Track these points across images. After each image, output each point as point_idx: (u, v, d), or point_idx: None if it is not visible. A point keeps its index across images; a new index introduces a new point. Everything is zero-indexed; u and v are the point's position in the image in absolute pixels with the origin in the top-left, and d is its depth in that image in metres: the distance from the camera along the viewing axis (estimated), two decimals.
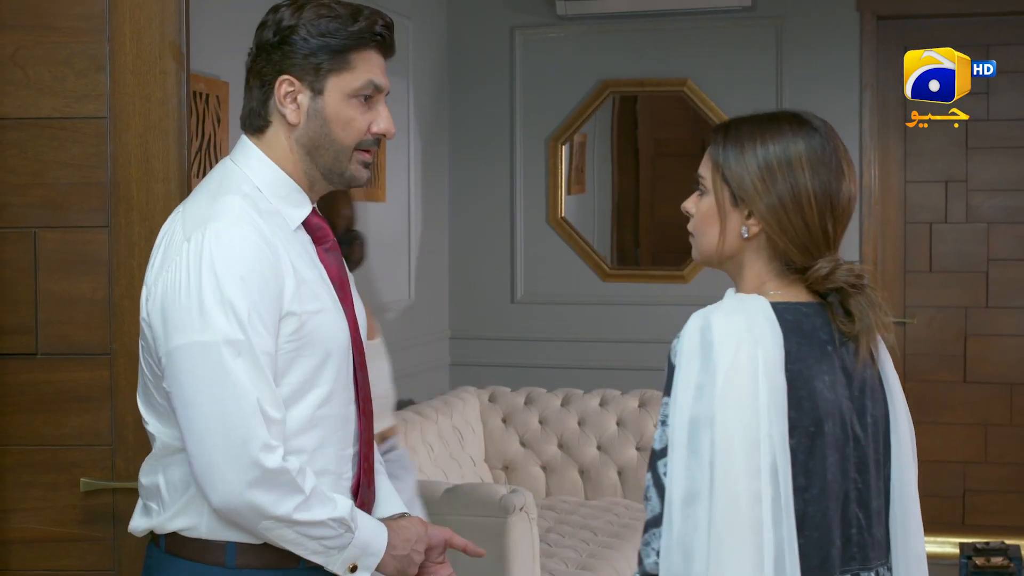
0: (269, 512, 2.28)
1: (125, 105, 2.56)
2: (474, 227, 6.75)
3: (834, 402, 2.13)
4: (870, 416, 2.19)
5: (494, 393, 6.07)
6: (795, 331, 2.12)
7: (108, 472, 2.59)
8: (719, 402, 2.04)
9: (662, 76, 6.52)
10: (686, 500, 2.04)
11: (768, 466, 2.03)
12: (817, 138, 2.18)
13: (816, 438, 2.10)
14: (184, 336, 2.26)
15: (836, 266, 2.15)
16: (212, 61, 4.51)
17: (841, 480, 2.13)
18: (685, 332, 2.12)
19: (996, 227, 6.40)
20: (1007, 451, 6.40)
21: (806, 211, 2.15)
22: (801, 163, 2.15)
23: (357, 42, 2.45)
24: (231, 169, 2.46)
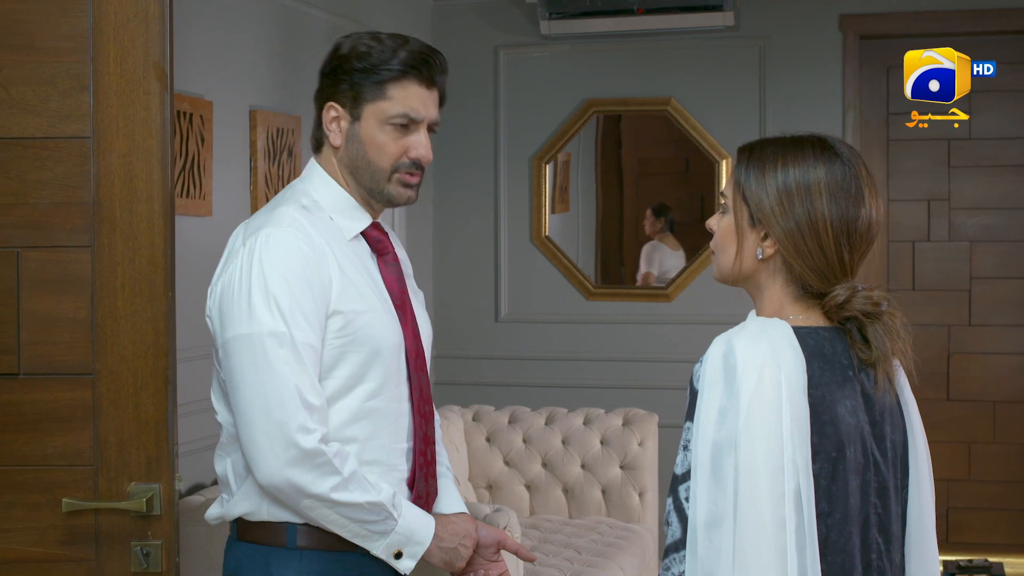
0: (308, 490, 2.49)
1: (108, 125, 2.57)
2: (458, 246, 6.75)
3: (855, 427, 2.13)
4: (889, 441, 2.20)
5: (478, 412, 6.06)
6: (817, 356, 2.13)
7: (91, 492, 2.57)
8: (743, 427, 2.04)
9: (646, 95, 6.54)
10: (709, 525, 2.04)
11: (792, 492, 2.03)
12: (839, 164, 2.19)
13: (838, 463, 2.10)
14: (234, 329, 2.54)
15: (853, 293, 2.16)
16: (196, 81, 4.51)
17: (861, 505, 2.14)
18: (708, 357, 2.12)
19: (978, 245, 6.42)
20: (991, 468, 6.42)
21: (822, 237, 2.16)
22: (820, 189, 2.16)
23: (395, 74, 2.66)
24: (296, 185, 2.76)
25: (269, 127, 4.95)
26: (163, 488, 2.56)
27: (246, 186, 4.84)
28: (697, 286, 6.44)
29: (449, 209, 6.74)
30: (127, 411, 2.56)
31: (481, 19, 6.68)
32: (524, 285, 6.69)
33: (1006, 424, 6.41)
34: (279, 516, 2.58)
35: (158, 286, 2.61)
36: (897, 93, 6.43)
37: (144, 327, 2.58)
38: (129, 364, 2.57)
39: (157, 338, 2.60)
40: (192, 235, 4.50)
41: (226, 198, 4.70)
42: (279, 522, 2.58)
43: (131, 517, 2.56)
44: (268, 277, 2.53)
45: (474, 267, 6.73)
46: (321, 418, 2.53)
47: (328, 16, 5.55)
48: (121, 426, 2.56)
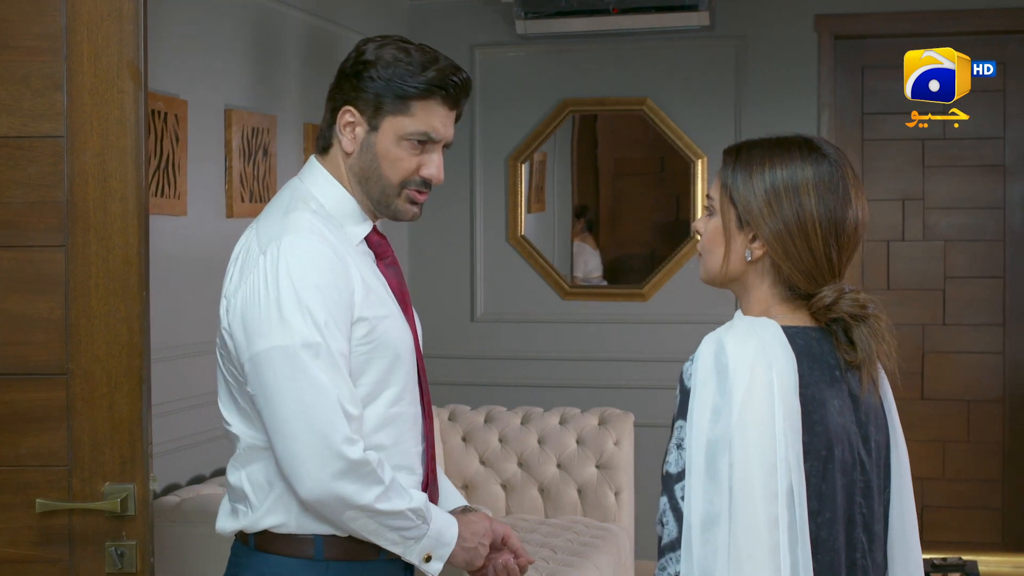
0: (353, 501, 2.45)
1: (82, 124, 2.55)
2: (434, 245, 6.75)
3: (843, 427, 2.15)
4: (873, 442, 2.22)
5: (454, 411, 6.06)
6: (806, 355, 2.14)
7: (64, 493, 2.56)
8: (737, 425, 2.04)
9: (621, 95, 6.54)
10: (705, 524, 2.05)
11: (785, 490, 2.04)
12: (826, 164, 2.19)
13: (828, 463, 2.11)
14: (266, 341, 2.46)
15: (840, 295, 2.17)
16: (171, 80, 4.50)
17: (847, 504, 2.15)
18: (699, 355, 2.12)
19: (953, 245, 6.44)
20: (965, 467, 6.45)
21: (811, 237, 2.16)
22: (808, 189, 2.17)
23: (421, 91, 2.62)
24: (298, 186, 2.66)
25: (244, 127, 4.94)
26: (137, 488, 2.55)
27: (221, 186, 4.83)
28: (672, 286, 6.44)
29: (425, 209, 6.66)
30: (101, 411, 2.54)
31: (457, 19, 6.67)
32: (500, 285, 6.69)
33: (980, 423, 6.44)
34: (308, 529, 2.54)
35: (132, 286, 2.59)
36: (872, 93, 6.46)
37: (118, 327, 2.56)
38: (103, 364, 2.55)
39: (131, 338, 2.58)
40: (167, 235, 4.49)
41: (201, 198, 4.69)
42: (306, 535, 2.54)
43: (105, 517, 2.54)
44: (298, 286, 2.46)
45: (450, 267, 6.73)
46: (358, 427, 2.49)
47: (304, 16, 5.54)
48: (95, 426, 2.54)
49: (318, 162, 2.69)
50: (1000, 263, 6.39)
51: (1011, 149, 6.35)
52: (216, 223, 4.81)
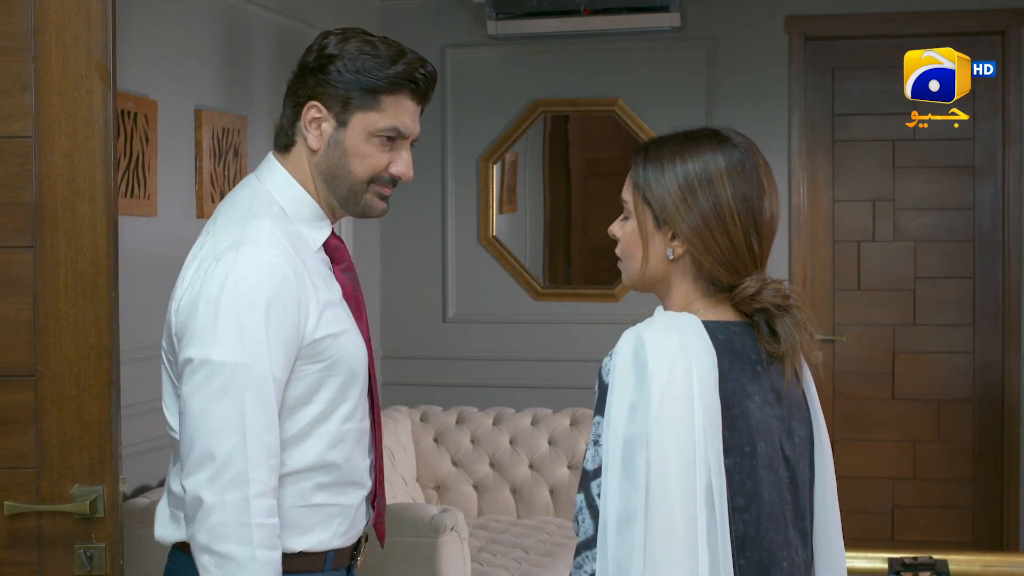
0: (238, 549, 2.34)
1: (51, 125, 2.53)
2: (405, 246, 6.74)
3: (765, 423, 2.12)
4: (797, 436, 2.19)
5: (426, 412, 6.05)
6: (727, 350, 2.11)
7: (33, 495, 2.54)
8: (654, 423, 2.01)
9: (593, 96, 6.55)
10: (621, 522, 2.02)
11: (703, 488, 2.01)
12: (736, 153, 2.16)
13: (751, 458, 2.08)
14: (199, 350, 2.36)
15: (763, 285, 2.13)
16: (140, 80, 4.48)
17: (777, 501, 2.12)
18: (617, 351, 2.09)
19: (923, 245, 6.47)
20: (935, 467, 6.47)
21: (730, 228, 2.13)
22: (722, 179, 2.14)
23: (391, 86, 2.54)
24: (257, 187, 2.56)
25: (215, 127, 4.92)
26: (107, 490, 2.54)
27: (191, 186, 4.81)
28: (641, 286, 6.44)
29: (396, 209, 6.69)
30: (70, 413, 2.53)
31: (428, 19, 6.66)
32: (472, 285, 6.68)
33: (950, 423, 6.46)
34: None
35: (101, 287, 2.57)
36: (842, 94, 6.48)
37: (87, 328, 2.55)
38: (71, 366, 2.54)
39: (100, 339, 2.56)
40: (137, 235, 4.47)
41: (171, 198, 4.67)
42: None
43: (74, 520, 2.53)
44: (241, 301, 2.35)
45: (422, 267, 6.72)
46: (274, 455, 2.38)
47: (274, 16, 5.52)
48: (64, 428, 2.53)
49: (277, 161, 2.60)
50: (970, 264, 6.42)
51: (980, 150, 6.38)
52: (186, 224, 4.79)
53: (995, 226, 6.37)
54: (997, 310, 6.36)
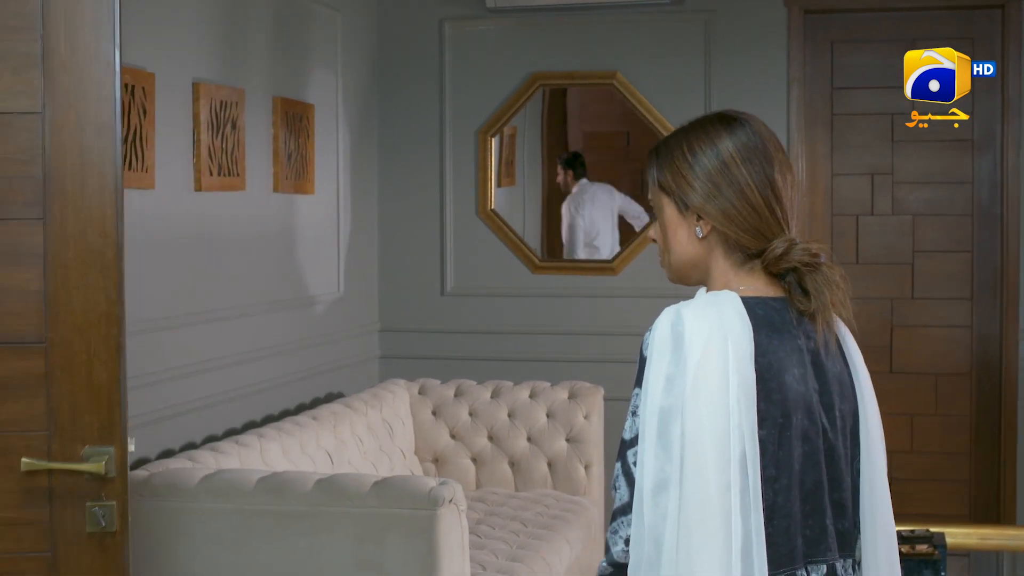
0: None
1: (60, 101, 2.62)
2: (403, 220, 6.73)
3: (803, 395, 2.16)
4: (838, 411, 2.23)
5: (424, 386, 6.06)
6: (766, 325, 2.17)
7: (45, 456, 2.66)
8: (689, 394, 2.07)
9: (591, 69, 6.53)
10: (656, 489, 2.08)
11: (738, 457, 2.06)
12: (741, 130, 2.24)
13: (785, 430, 2.13)
14: None
15: (791, 246, 2.19)
16: (138, 52, 4.47)
17: (811, 472, 2.17)
18: (657, 325, 2.15)
19: (921, 219, 6.46)
20: (932, 441, 6.48)
21: (750, 197, 2.20)
22: (735, 161, 2.21)
23: None
24: None
25: (212, 100, 4.91)
26: (116, 451, 2.65)
27: (189, 159, 4.81)
28: (642, 260, 6.45)
29: (394, 183, 6.71)
30: (80, 378, 2.64)
31: None
32: (470, 259, 6.68)
33: (948, 396, 6.47)
34: None
35: (109, 258, 2.65)
36: (841, 68, 6.46)
37: (96, 297, 2.64)
38: (81, 333, 2.64)
39: (109, 307, 2.65)
40: (135, 208, 4.46)
41: (169, 171, 4.66)
42: None
43: (85, 479, 2.65)
44: None
45: (420, 241, 6.71)
46: None
47: None
48: (74, 392, 2.64)
49: None
50: (968, 237, 6.41)
51: (979, 124, 6.37)
52: (184, 197, 4.79)
53: (994, 200, 6.36)
54: (995, 284, 6.37)
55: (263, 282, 5.42)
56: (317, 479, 4.04)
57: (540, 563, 4.81)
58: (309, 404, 5.80)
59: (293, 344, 5.68)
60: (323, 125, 5.98)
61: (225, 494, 4.01)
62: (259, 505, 3.99)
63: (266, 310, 5.43)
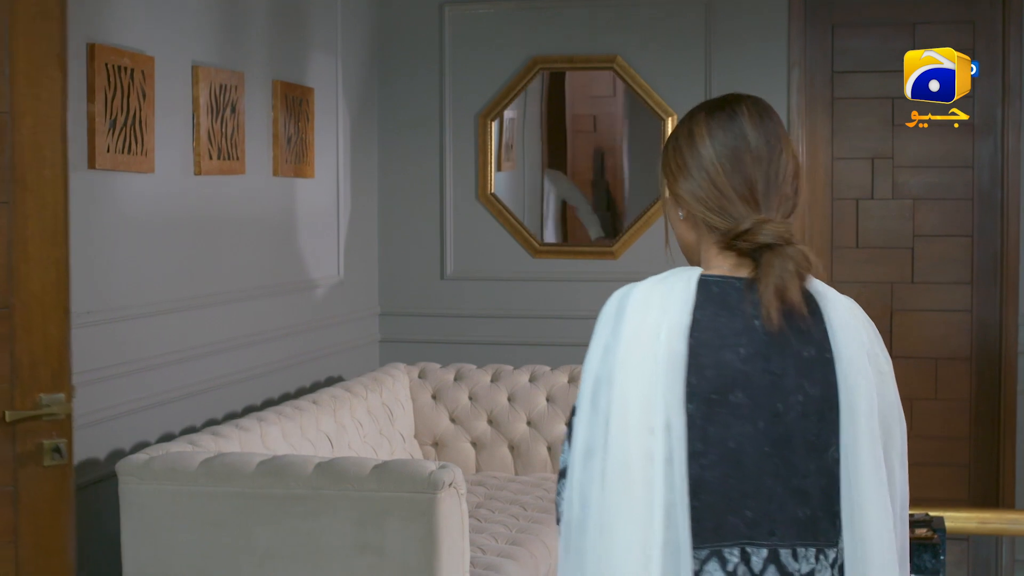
0: None
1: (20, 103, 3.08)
2: (403, 204, 6.73)
3: (746, 374, 2.14)
4: (802, 395, 2.17)
5: (424, 369, 6.06)
6: (717, 302, 2.16)
7: (9, 403, 3.12)
8: (620, 363, 2.12)
9: (591, 53, 6.52)
10: (586, 454, 2.13)
11: (662, 427, 2.09)
12: (721, 111, 2.24)
13: (717, 406, 2.13)
14: None
15: (758, 224, 2.17)
16: (137, 36, 4.46)
17: (752, 453, 2.14)
18: (608, 300, 2.21)
19: (921, 203, 6.46)
20: (932, 425, 6.48)
21: (717, 181, 2.20)
22: (704, 141, 2.22)
23: None
24: None
25: (212, 83, 4.90)
26: (65, 397, 3.15)
27: (189, 143, 4.80)
28: (642, 244, 6.45)
29: (395, 167, 6.71)
30: (37, 337, 3.12)
31: None
32: (470, 243, 6.68)
33: (947, 381, 6.47)
34: None
35: (60, 235, 3.14)
36: (842, 51, 6.45)
37: (50, 268, 3.13)
38: (38, 299, 3.12)
39: (59, 277, 3.15)
40: (134, 192, 4.46)
41: (168, 155, 4.66)
42: None
43: (43, 421, 3.13)
44: None
45: (420, 225, 6.71)
46: None
47: None
48: (32, 350, 3.11)
49: None
50: (969, 222, 6.41)
51: (980, 108, 6.36)
52: (184, 181, 4.78)
53: (994, 184, 6.36)
54: (995, 268, 6.36)
55: (263, 266, 5.42)
56: (317, 463, 4.04)
57: (540, 547, 4.81)
58: (309, 388, 5.81)
59: (293, 328, 5.69)
60: (323, 109, 5.97)
61: (225, 478, 4.02)
62: (259, 488, 3.99)
63: (266, 294, 5.43)
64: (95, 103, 4.20)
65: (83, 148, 4.18)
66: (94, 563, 4.28)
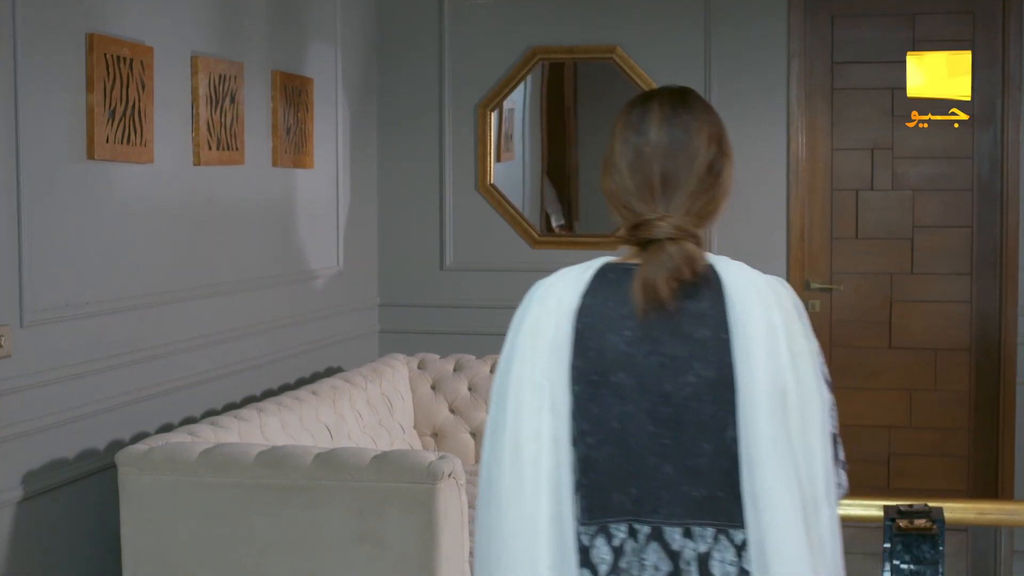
0: None
1: None
2: (403, 194, 6.72)
3: (631, 356, 2.21)
4: (692, 376, 2.20)
5: (423, 360, 6.06)
6: (608, 288, 2.26)
7: None
8: (518, 349, 2.25)
9: (591, 43, 6.52)
10: (491, 434, 2.27)
11: (549, 408, 2.21)
12: (635, 106, 2.32)
13: (600, 387, 2.22)
14: None
15: (652, 219, 2.23)
16: (136, 26, 4.45)
17: (636, 433, 2.21)
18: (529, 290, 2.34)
19: (921, 194, 6.46)
20: (931, 416, 6.49)
21: (622, 173, 2.28)
22: (616, 133, 2.32)
23: None
24: None
25: (211, 73, 4.90)
26: None
27: (188, 133, 4.80)
28: None
29: (394, 157, 6.70)
30: None
31: None
32: (469, 233, 6.67)
33: (947, 372, 6.47)
34: None
35: None
36: (842, 42, 6.45)
37: None
38: None
39: None
40: (133, 182, 4.46)
41: (168, 145, 4.65)
42: None
43: None
44: None
45: (419, 215, 6.71)
46: None
47: None
48: None
49: None
50: (968, 212, 6.41)
51: (980, 99, 6.35)
52: (183, 171, 4.78)
53: (994, 175, 6.36)
54: (995, 259, 6.36)
55: (262, 257, 5.42)
56: (316, 453, 4.04)
57: None
58: (308, 379, 5.80)
59: (292, 319, 5.69)
60: (322, 99, 5.96)
61: (225, 468, 4.02)
62: (259, 479, 4.00)
63: (265, 285, 5.43)
64: (94, 93, 4.20)
65: (82, 138, 4.18)
66: (93, 553, 4.28)
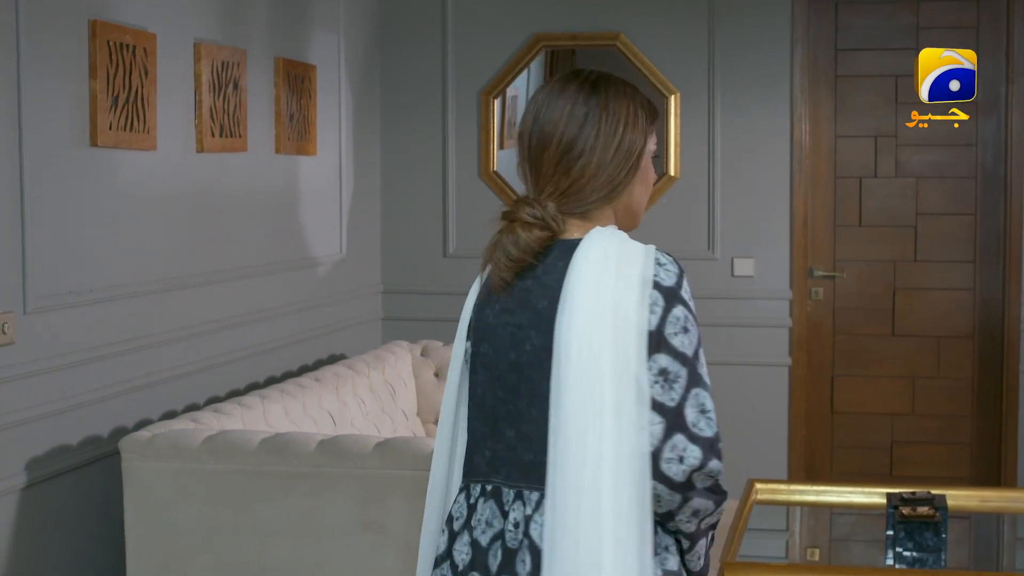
0: None
1: None
2: (406, 181, 6.72)
3: (494, 327, 2.36)
4: (529, 344, 2.30)
5: (426, 347, 6.06)
6: None
7: None
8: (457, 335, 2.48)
9: (595, 30, 6.51)
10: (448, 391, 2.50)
11: (458, 368, 2.46)
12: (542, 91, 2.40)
13: (475, 358, 2.39)
14: None
15: (520, 204, 2.36)
16: (139, 13, 4.45)
17: (489, 399, 2.35)
18: None
19: (925, 182, 6.45)
20: (934, 403, 6.49)
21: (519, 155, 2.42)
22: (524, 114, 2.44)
23: None
24: None
25: (214, 60, 4.89)
26: None
27: (191, 120, 4.79)
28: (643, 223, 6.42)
29: (397, 144, 6.70)
30: None
31: None
32: (472, 220, 6.67)
33: (949, 359, 6.47)
34: None
35: None
36: (845, 29, 6.44)
37: None
38: None
39: None
40: (136, 169, 4.46)
41: (171, 132, 4.65)
42: None
43: None
44: None
45: (422, 202, 6.71)
46: None
47: None
48: None
49: None
50: (972, 200, 6.41)
51: (984, 87, 6.34)
52: (186, 158, 4.77)
53: (997, 162, 6.35)
54: (998, 247, 6.36)
55: (265, 244, 5.42)
56: (320, 440, 4.04)
57: None
58: (312, 365, 5.81)
59: (295, 306, 5.69)
60: (325, 86, 5.96)
61: (228, 455, 4.02)
62: (262, 466, 4.00)
63: (268, 272, 5.43)
64: (97, 80, 4.19)
65: (85, 125, 4.17)
66: (97, 540, 4.29)
